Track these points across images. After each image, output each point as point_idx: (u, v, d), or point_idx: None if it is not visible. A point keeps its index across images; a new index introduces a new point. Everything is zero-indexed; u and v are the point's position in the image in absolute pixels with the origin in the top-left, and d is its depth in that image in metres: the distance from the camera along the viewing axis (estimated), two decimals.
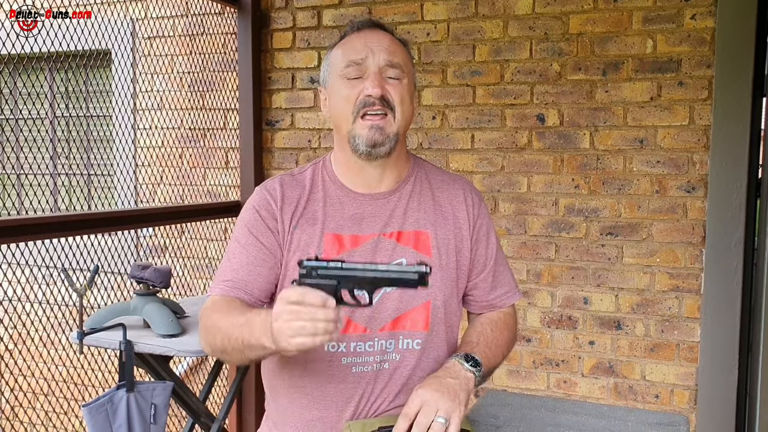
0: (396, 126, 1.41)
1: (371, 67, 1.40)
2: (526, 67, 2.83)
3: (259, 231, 1.44)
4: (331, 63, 1.47)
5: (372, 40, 1.43)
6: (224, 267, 1.45)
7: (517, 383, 2.93)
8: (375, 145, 1.40)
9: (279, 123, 3.28)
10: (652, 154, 2.68)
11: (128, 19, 3.82)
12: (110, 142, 3.96)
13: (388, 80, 1.41)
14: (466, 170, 2.94)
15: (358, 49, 1.42)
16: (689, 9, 2.59)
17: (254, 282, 1.42)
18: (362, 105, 1.39)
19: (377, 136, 1.39)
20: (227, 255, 1.46)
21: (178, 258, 3.67)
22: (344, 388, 1.41)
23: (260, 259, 1.42)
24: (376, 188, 1.48)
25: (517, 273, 2.89)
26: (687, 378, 2.69)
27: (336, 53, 1.46)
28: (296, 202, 1.46)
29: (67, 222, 2.41)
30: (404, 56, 1.46)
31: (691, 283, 2.66)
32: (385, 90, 1.39)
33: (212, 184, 3.64)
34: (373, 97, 1.38)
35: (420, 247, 1.47)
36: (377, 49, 1.41)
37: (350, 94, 1.40)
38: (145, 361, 2.28)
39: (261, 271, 1.42)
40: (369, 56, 1.40)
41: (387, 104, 1.39)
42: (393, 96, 1.40)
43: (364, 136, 1.39)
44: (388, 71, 1.41)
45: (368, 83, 1.39)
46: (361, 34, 1.45)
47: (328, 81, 1.48)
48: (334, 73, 1.44)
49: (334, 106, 1.45)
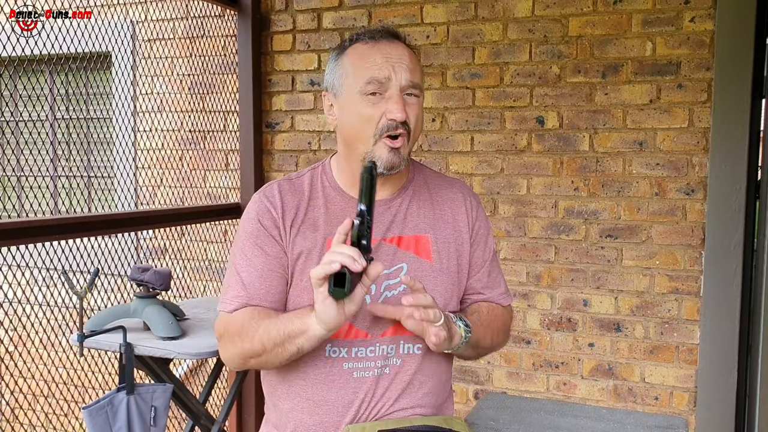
0: (409, 146, 1.41)
1: (394, 87, 1.37)
2: (526, 70, 2.83)
3: (263, 241, 1.43)
4: (345, 73, 1.42)
5: (393, 56, 1.39)
6: (233, 282, 1.43)
7: (516, 385, 2.93)
8: (392, 168, 1.39)
9: (279, 125, 3.29)
10: (652, 156, 2.68)
11: (128, 21, 3.82)
12: (110, 145, 3.96)
13: (407, 99, 1.39)
14: (466, 172, 2.94)
15: (380, 64, 1.37)
16: (688, 12, 2.60)
17: (267, 294, 1.42)
18: (385, 129, 1.37)
19: (395, 159, 1.39)
20: (234, 269, 1.44)
21: (178, 260, 3.67)
22: (345, 393, 1.42)
23: (268, 271, 1.42)
24: (378, 196, 1.48)
25: (516, 275, 2.89)
26: (686, 380, 2.69)
27: (351, 63, 1.41)
28: (296, 209, 1.46)
29: (67, 224, 2.41)
30: (420, 72, 1.44)
31: (690, 286, 2.67)
32: (407, 114, 1.37)
33: (212, 186, 3.64)
34: (396, 121, 1.36)
35: (420, 251, 1.47)
36: (399, 68, 1.38)
37: (373, 114, 1.37)
38: (145, 363, 2.28)
39: (271, 283, 1.42)
40: (392, 75, 1.37)
41: (406, 127, 1.38)
42: (411, 119, 1.39)
43: (384, 159, 1.38)
44: (408, 90, 1.39)
45: (392, 106, 1.36)
46: (380, 47, 1.40)
47: (339, 91, 1.43)
48: (351, 86, 1.40)
49: (349, 122, 1.42)
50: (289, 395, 1.46)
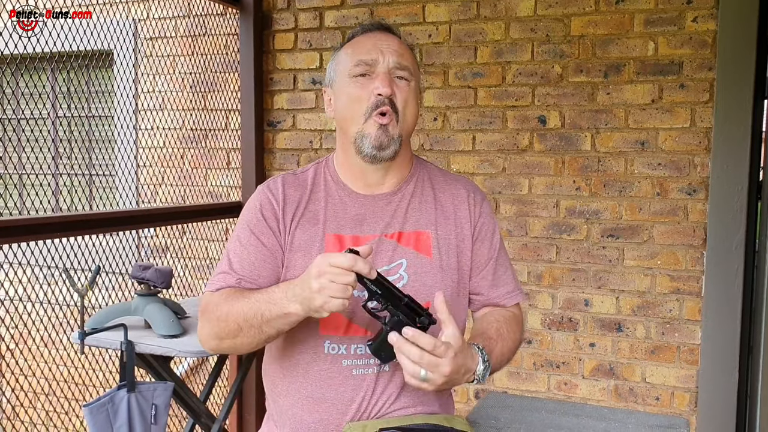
0: (399, 128, 1.41)
1: (381, 67, 1.41)
2: (528, 69, 2.83)
3: (260, 231, 1.44)
4: (338, 62, 1.47)
5: (382, 42, 1.44)
6: (224, 265, 1.45)
7: (517, 385, 2.93)
8: (381, 147, 1.40)
9: (280, 124, 3.29)
10: (654, 156, 2.68)
11: (130, 19, 3.82)
12: (112, 143, 3.96)
13: (397, 81, 1.42)
14: (468, 171, 2.94)
15: (369, 48, 1.43)
16: (691, 11, 2.60)
17: (255, 279, 1.42)
18: (374, 106, 1.39)
19: (383, 137, 1.39)
20: (227, 252, 1.46)
21: (179, 258, 3.67)
22: (344, 391, 1.41)
23: (260, 260, 1.43)
24: (378, 189, 1.49)
25: (518, 275, 2.88)
26: (687, 380, 2.69)
27: (344, 53, 1.47)
28: (297, 202, 1.46)
29: (69, 222, 2.41)
30: (412, 60, 1.47)
31: (691, 286, 2.67)
32: (393, 92, 1.40)
33: (214, 184, 3.64)
34: (383, 96, 1.38)
35: (420, 247, 1.46)
36: (387, 50, 1.42)
37: (361, 93, 1.40)
38: (146, 361, 2.28)
39: (261, 272, 1.43)
40: (379, 57, 1.41)
41: (393, 106, 1.40)
42: (398, 98, 1.41)
43: (372, 136, 1.39)
44: (397, 72, 1.42)
45: (379, 82, 1.39)
46: (371, 36, 1.46)
47: (335, 80, 1.48)
48: (342, 72, 1.45)
49: (342, 105, 1.45)
50: (289, 392, 1.45)
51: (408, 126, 1.45)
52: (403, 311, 1.28)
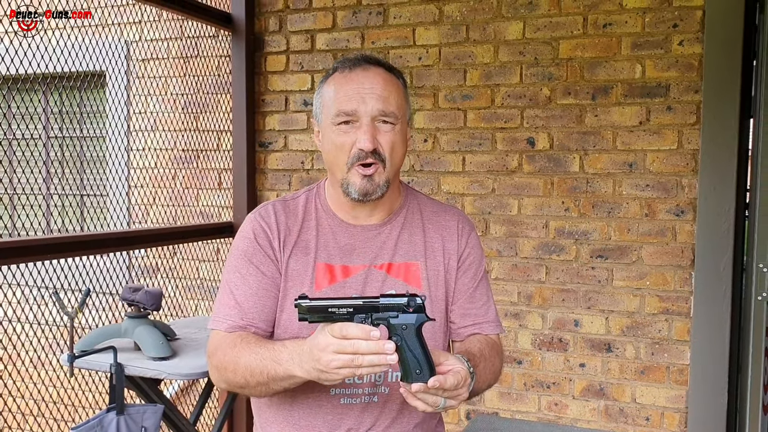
0: (386, 174, 1.40)
1: (363, 117, 1.37)
2: (517, 92, 2.86)
3: (259, 260, 1.43)
4: (323, 103, 1.44)
5: (365, 86, 1.38)
6: (226, 299, 1.43)
7: (508, 405, 2.93)
8: (366, 194, 1.39)
9: (272, 144, 3.30)
10: (642, 177, 2.71)
11: (122, 41, 3.85)
12: (103, 163, 3.97)
13: (381, 127, 1.39)
14: (458, 192, 2.96)
15: (350, 96, 1.38)
16: (677, 35, 2.63)
17: (260, 314, 1.41)
18: (356, 158, 1.37)
19: (368, 186, 1.39)
20: (228, 286, 1.44)
21: (170, 279, 3.67)
22: (332, 419, 1.41)
23: (263, 290, 1.42)
24: (367, 221, 1.49)
25: (507, 295, 2.90)
26: (677, 400, 2.70)
27: (328, 93, 1.43)
28: (290, 231, 1.46)
29: (60, 244, 2.41)
30: (398, 98, 1.42)
31: (680, 306, 2.68)
32: (377, 143, 1.37)
33: (205, 204, 3.65)
34: (365, 151, 1.36)
35: (410, 279, 1.47)
36: (369, 98, 1.37)
37: (344, 142, 1.38)
38: (135, 383, 2.28)
39: (266, 303, 1.42)
40: (360, 107, 1.37)
41: (378, 156, 1.38)
42: (384, 147, 1.38)
43: (357, 185, 1.39)
44: (381, 118, 1.38)
45: (361, 136, 1.36)
46: (353, 76, 1.40)
47: (320, 119, 1.46)
48: (326, 115, 1.42)
49: (327, 149, 1.44)
50: (276, 419, 1.45)
51: (396, 167, 1.43)
52: (388, 310, 1.20)
